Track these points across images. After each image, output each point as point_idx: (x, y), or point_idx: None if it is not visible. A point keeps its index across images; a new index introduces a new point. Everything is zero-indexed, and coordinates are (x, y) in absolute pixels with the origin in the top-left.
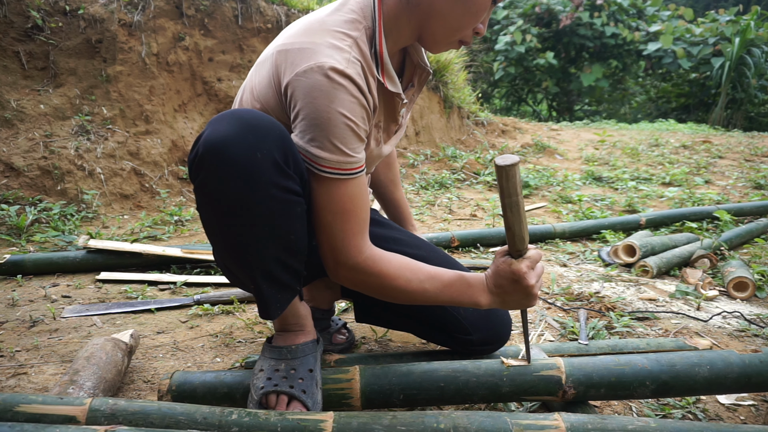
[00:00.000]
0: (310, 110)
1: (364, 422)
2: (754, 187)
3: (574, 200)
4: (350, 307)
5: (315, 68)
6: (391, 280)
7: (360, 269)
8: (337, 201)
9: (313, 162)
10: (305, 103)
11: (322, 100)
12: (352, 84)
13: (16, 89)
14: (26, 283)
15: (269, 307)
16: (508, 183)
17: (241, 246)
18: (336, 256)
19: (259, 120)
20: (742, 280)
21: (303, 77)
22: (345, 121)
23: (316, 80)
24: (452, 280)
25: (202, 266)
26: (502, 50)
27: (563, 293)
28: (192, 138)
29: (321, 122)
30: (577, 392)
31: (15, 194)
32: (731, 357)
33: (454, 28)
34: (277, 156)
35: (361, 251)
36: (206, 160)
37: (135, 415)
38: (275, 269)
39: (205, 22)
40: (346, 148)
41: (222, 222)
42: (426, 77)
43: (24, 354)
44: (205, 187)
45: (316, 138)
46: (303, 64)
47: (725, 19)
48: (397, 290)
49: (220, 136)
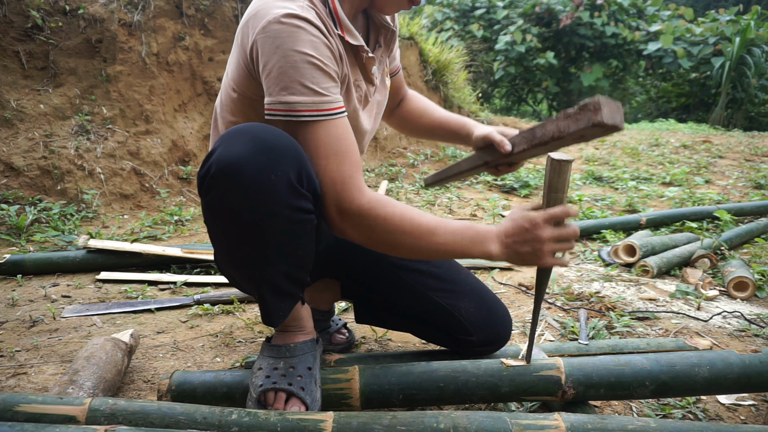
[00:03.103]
0: (275, 59)
1: (364, 422)
2: (754, 186)
3: (575, 200)
4: (350, 307)
5: (271, 20)
6: (398, 225)
7: (365, 213)
8: (325, 144)
9: (290, 112)
10: (269, 55)
11: (283, 45)
12: (310, 25)
13: (16, 89)
14: (26, 283)
15: (272, 315)
16: (558, 178)
17: (250, 262)
18: (339, 203)
19: (273, 139)
20: (742, 280)
21: (262, 33)
22: (310, 59)
23: (274, 29)
24: (461, 228)
25: (202, 266)
26: (502, 50)
27: (563, 293)
28: (192, 138)
29: (287, 67)
30: (576, 392)
31: (15, 194)
32: (731, 357)
33: None
34: (291, 176)
35: (362, 192)
36: (219, 179)
37: (135, 414)
38: (281, 282)
39: (205, 21)
40: (318, 88)
41: (231, 239)
42: (391, 36)
43: (24, 354)
44: (216, 206)
45: (286, 86)
46: (260, 23)
47: (725, 18)
48: (405, 236)
49: (234, 156)
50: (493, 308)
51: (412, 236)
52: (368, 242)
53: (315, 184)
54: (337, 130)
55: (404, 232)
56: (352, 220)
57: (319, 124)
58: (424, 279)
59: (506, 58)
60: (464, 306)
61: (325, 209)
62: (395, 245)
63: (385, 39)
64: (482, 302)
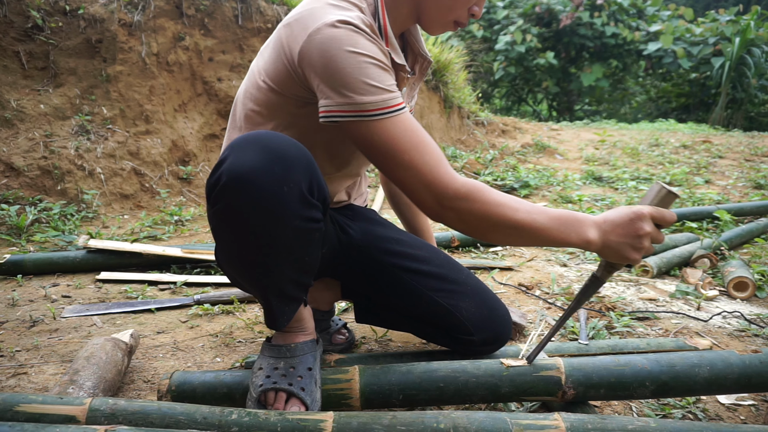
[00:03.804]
0: (334, 63)
1: (364, 422)
2: (754, 186)
3: (575, 200)
4: (350, 307)
5: (325, 25)
6: (497, 207)
7: (463, 196)
8: (403, 138)
9: (361, 112)
10: (327, 59)
11: (342, 48)
12: (364, 32)
13: (16, 89)
14: (26, 283)
15: (277, 319)
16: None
17: (257, 269)
18: (434, 190)
19: (285, 148)
20: (742, 280)
21: (316, 36)
22: (372, 60)
23: (330, 33)
24: (560, 213)
25: (202, 266)
26: (502, 50)
27: (563, 293)
28: (192, 138)
29: (351, 68)
30: (576, 393)
31: (15, 194)
32: (731, 357)
33: (447, 7)
34: (303, 186)
35: (455, 177)
36: (230, 190)
37: (135, 414)
38: (287, 287)
39: (205, 21)
40: (384, 85)
41: (239, 247)
42: (427, 66)
43: (24, 354)
44: (226, 215)
45: (354, 87)
46: (312, 26)
47: (725, 18)
48: (504, 218)
49: (246, 166)
50: (493, 308)
51: (512, 220)
52: (467, 227)
53: (325, 193)
54: (411, 123)
55: (504, 216)
56: (453, 204)
57: (392, 119)
58: (425, 279)
59: (506, 58)
60: (465, 306)
61: (420, 201)
62: (495, 229)
63: (421, 68)
64: (483, 302)
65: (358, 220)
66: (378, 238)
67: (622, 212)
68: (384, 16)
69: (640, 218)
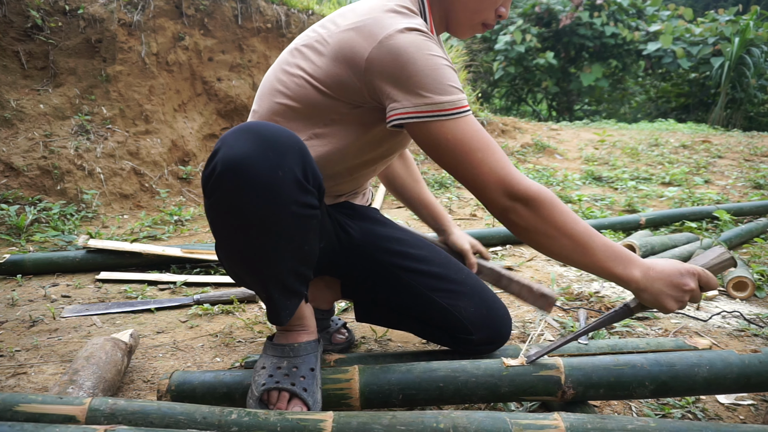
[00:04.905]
0: (411, 66)
1: (364, 422)
2: (753, 186)
3: (574, 200)
4: (350, 307)
5: (396, 31)
6: (561, 213)
7: (533, 195)
8: (475, 137)
9: (440, 111)
10: (403, 63)
11: (418, 52)
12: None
13: (16, 89)
14: (26, 282)
15: (280, 314)
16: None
17: (258, 260)
18: (506, 186)
19: (277, 135)
20: (741, 280)
21: (388, 42)
22: (445, 62)
23: (404, 38)
24: (613, 243)
25: (202, 266)
26: (502, 50)
27: (563, 293)
28: (192, 137)
29: (428, 70)
30: (576, 392)
31: (15, 194)
32: (731, 357)
33: (474, 10)
34: (297, 172)
35: (525, 177)
36: (226, 178)
37: (134, 414)
38: (288, 279)
39: (205, 21)
40: (457, 86)
41: (238, 238)
42: None
43: (24, 354)
44: (223, 205)
45: (431, 87)
46: (381, 33)
47: (725, 18)
48: (566, 227)
49: (240, 154)
50: (493, 308)
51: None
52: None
53: (319, 180)
54: (477, 123)
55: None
56: (520, 202)
57: (465, 119)
58: (425, 279)
59: (506, 58)
60: (464, 305)
61: (489, 198)
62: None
63: None
64: (482, 302)
65: (359, 219)
66: (378, 237)
67: (673, 264)
68: (431, 23)
69: (690, 275)
